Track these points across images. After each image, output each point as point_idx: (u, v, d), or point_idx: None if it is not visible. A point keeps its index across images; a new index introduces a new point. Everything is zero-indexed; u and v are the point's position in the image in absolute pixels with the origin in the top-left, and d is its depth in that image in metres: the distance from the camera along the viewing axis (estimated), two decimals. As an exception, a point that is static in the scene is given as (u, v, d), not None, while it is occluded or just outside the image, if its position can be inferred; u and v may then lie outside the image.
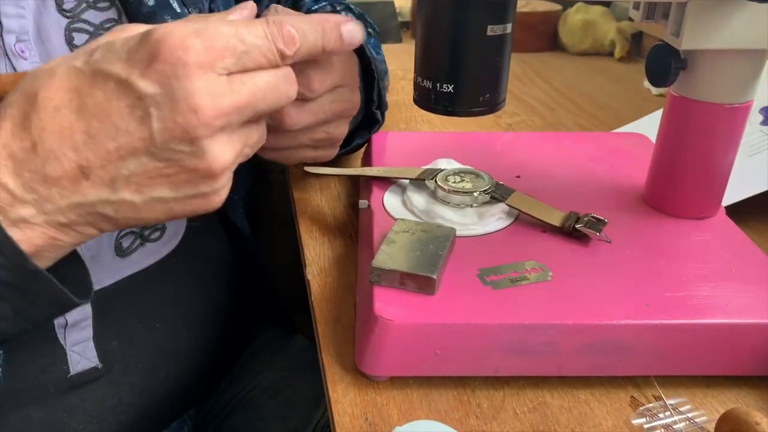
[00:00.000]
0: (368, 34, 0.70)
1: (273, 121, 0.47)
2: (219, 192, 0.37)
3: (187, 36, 0.34)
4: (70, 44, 0.50)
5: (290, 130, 0.48)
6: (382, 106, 0.64)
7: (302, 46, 0.38)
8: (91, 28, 0.51)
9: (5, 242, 0.34)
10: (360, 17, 0.73)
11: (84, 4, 0.51)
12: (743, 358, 0.42)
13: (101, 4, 0.51)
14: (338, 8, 0.73)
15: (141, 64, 0.34)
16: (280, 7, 0.49)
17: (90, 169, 0.34)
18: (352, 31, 0.41)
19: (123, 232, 0.56)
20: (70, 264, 0.39)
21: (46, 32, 0.49)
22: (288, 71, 0.38)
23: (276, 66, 0.37)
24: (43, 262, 0.36)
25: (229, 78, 0.35)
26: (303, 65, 0.45)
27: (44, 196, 0.34)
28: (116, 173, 0.34)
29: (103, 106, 0.34)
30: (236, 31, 0.35)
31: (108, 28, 0.52)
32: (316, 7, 0.74)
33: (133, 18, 0.52)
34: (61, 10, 0.50)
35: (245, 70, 0.36)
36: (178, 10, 0.55)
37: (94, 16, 0.51)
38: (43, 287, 0.36)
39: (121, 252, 0.56)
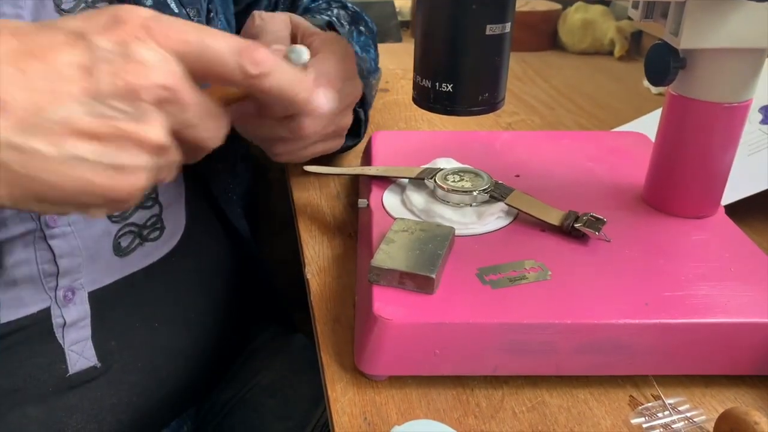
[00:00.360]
0: (359, 32, 0.71)
1: (291, 132, 0.47)
2: (137, 174, 0.34)
3: (156, 14, 0.34)
4: None
5: (307, 138, 0.48)
6: (365, 104, 0.65)
7: (272, 75, 0.37)
8: None
9: None
10: (356, 15, 0.73)
11: (82, 4, 0.50)
12: (742, 358, 0.42)
13: (99, 5, 0.51)
14: (333, 6, 0.73)
15: (99, 26, 0.33)
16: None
17: (7, 104, 0.31)
18: (323, 100, 0.41)
19: (122, 231, 0.56)
20: None
21: None
22: (223, 116, 0.37)
23: (232, 81, 0.36)
24: None
25: (181, 67, 0.35)
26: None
27: None
28: (39, 117, 0.31)
29: (47, 49, 0.32)
30: (198, 29, 0.35)
31: None
32: (313, 5, 0.74)
33: None
34: (59, 10, 0.50)
35: (197, 71, 0.35)
36: (176, 11, 0.55)
37: None
38: None
39: (119, 251, 0.56)
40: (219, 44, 0.35)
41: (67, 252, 0.53)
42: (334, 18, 0.68)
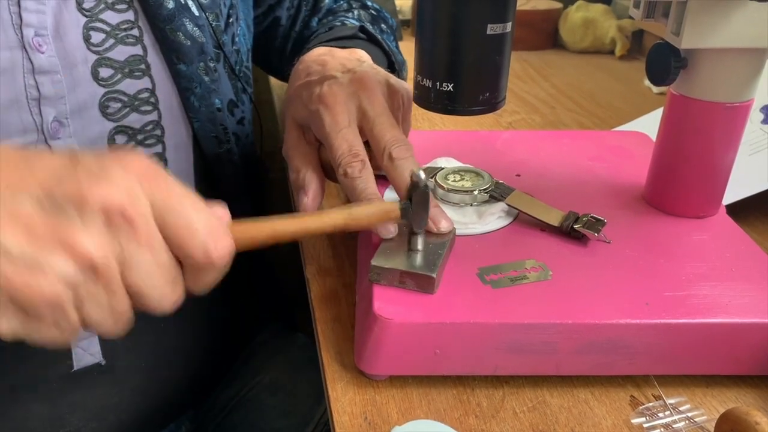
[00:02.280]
0: (381, 30, 0.71)
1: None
2: (51, 279, 0.31)
3: (145, 159, 0.35)
4: (87, 42, 0.50)
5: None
6: None
7: (216, 272, 0.37)
8: (108, 28, 0.52)
9: None
10: (377, 14, 0.74)
11: (103, 5, 0.51)
12: (743, 358, 0.42)
13: (119, 6, 0.52)
14: (354, 6, 0.73)
15: (101, 156, 0.34)
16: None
17: None
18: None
19: None
20: None
21: (64, 29, 0.50)
22: (178, 281, 0.36)
23: (189, 256, 0.35)
24: None
25: (150, 209, 0.34)
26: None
27: None
28: None
29: (42, 159, 0.34)
30: (185, 193, 0.35)
31: (125, 29, 0.52)
32: (335, 5, 0.74)
33: (152, 20, 0.53)
34: (80, 8, 0.50)
35: (162, 226, 0.34)
36: (197, 14, 0.55)
37: (111, 17, 0.52)
38: None
39: None
40: (197, 216, 0.35)
41: None
42: (366, 23, 0.69)
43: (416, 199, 0.42)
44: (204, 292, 0.38)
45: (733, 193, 0.56)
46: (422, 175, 0.41)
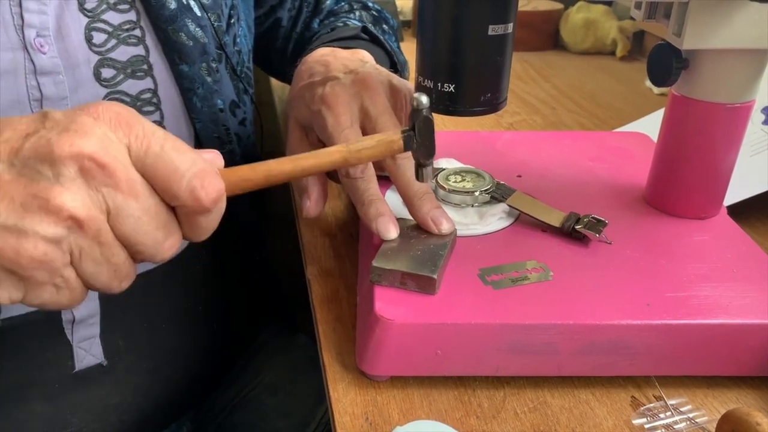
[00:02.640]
0: (383, 31, 0.71)
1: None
2: (38, 241, 0.31)
3: (122, 106, 0.34)
4: (89, 42, 0.50)
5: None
6: None
7: (211, 216, 0.35)
8: (110, 29, 0.52)
9: None
10: (378, 15, 0.74)
11: (105, 5, 0.51)
12: (744, 359, 0.42)
13: (121, 6, 0.52)
14: (355, 7, 0.73)
15: (72, 109, 0.34)
16: None
17: None
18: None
19: None
20: None
21: (66, 29, 0.50)
22: (172, 227, 0.35)
23: (179, 202, 0.34)
24: None
25: (130, 160, 0.33)
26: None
27: None
28: None
29: (12, 122, 0.33)
30: (165, 135, 0.34)
31: (127, 30, 0.52)
32: (336, 7, 0.74)
33: (154, 20, 0.53)
34: (82, 8, 0.50)
35: (146, 173, 0.34)
36: (199, 14, 0.55)
37: (113, 17, 0.52)
38: None
39: None
40: (179, 157, 0.34)
41: None
42: (368, 24, 0.69)
43: (420, 126, 0.39)
44: (203, 238, 0.37)
45: (734, 194, 0.56)
46: (424, 99, 0.39)
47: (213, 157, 0.37)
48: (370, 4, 0.76)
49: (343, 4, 0.75)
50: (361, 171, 0.47)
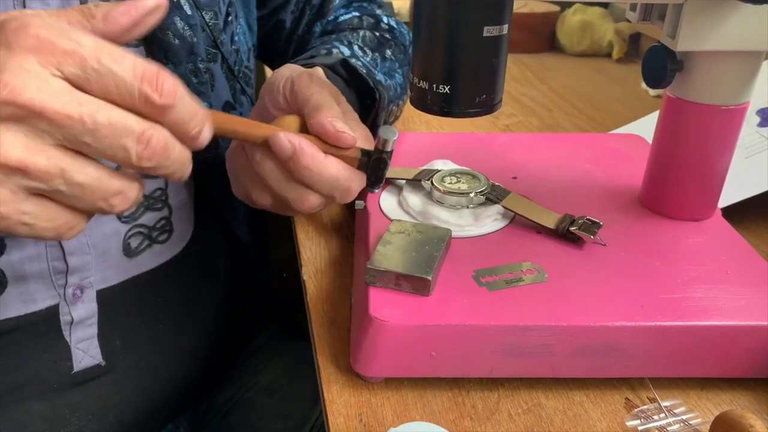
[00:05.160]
0: (383, 58, 0.67)
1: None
2: None
3: (40, 25, 0.31)
4: None
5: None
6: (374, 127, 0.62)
7: (176, 107, 0.33)
8: None
9: None
10: (383, 38, 0.69)
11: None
12: (738, 360, 0.42)
13: None
14: (364, 25, 0.70)
15: None
16: None
17: None
18: (206, 137, 0.36)
19: (131, 232, 0.56)
20: None
21: None
22: (147, 126, 0.33)
23: (136, 110, 0.32)
24: None
25: (62, 83, 0.31)
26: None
27: None
28: None
29: None
30: (97, 46, 0.31)
31: None
32: (347, 16, 0.72)
33: None
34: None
35: (92, 92, 0.32)
36: (189, 12, 0.55)
37: None
38: None
39: (129, 252, 0.56)
40: (118, 65, 0.31)
41: (77, 249, 0.53)
42: (355, 47, 0.64)
43: (373, 161, 0.42)
44: (198, 143, 0.35)
45: (728, 196, 0.56)
46: (391, 139, 0.41)
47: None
48: (384, 20, 0.71)
49: (353, 16, 0.71)
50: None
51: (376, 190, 0.43)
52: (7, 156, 0.30)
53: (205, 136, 0.36)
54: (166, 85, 0.32)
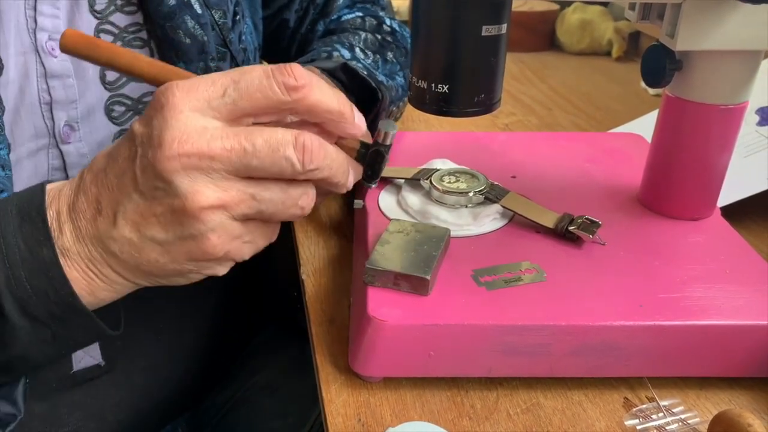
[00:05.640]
0: (385, 61, 0.67)
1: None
2: (208, 235, 0.36)
3: (176, 84, 0.35)
4: None
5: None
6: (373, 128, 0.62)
7: (308, 91, 0.36)
8: (116, 31, 0.52)
9: (60, 281, 0.37)
10: (385, 41, 0.70)
11: (112, 7, 0.51)
12: (737, 360, 0.42)
13: (128, 8, 0.52)
14: (366, 26, 0.70)
15: (145, 113, 0.36)
16: None
17: (101, 204, 0.36)
18: (360, 120, 0.40)
19: None
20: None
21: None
22: (297, 133, 0.36)
23: (281, 109, 0.36)
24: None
25: (221, 125, 0.35)
26: None
27: (76, 226, 0.37)
28: (117, 209, 0.36)
29: (118, 149, 0.37)
30: (227, 73, 0.35)
31: (132, 32, 0.52)
32: (350, 16, 0.72)
33: (153, 17, 0.52)
34: (92, 10, 0.51)
35: (245, 114, 0.35)
36: (199, 11, 0.54)
37: (120, 19, 0.52)
38: (84, 322, 0.39)
39: None
40: (251, 75, 0.35)
41: None
42: (357, 49, 0.65)
43: (371, 150, 0.41)
44: (347, 130, 0.39)
45: (727, 195, 0.56)
46: (391, 132, 0.41)
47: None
48: (387, 23, 0.71)
49: (356, 16, 0.71)
50: None
51: (373, 185, 0.43)
52: (208, 200, 0.35)
53: (357, 129, 0.39)
54: (297, 72, 0.35)
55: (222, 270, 0.39)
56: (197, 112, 0.34)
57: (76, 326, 0.39)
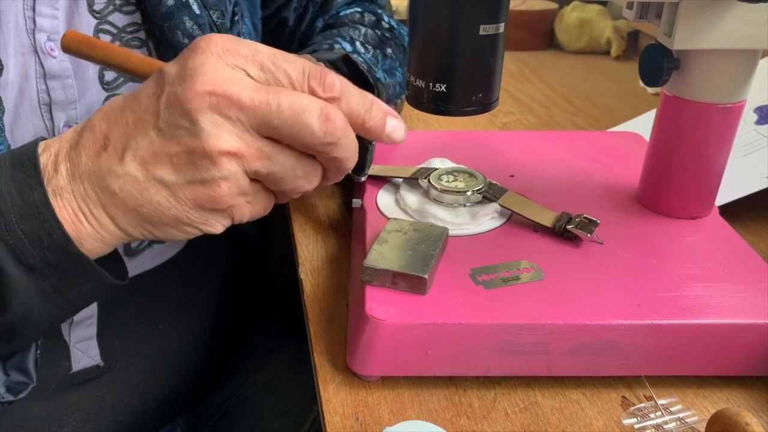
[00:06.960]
0: (384, 56, 0.67)
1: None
2: (219, 182, 0.36)
3: (219, 36, 0.36)
4: None
5: None
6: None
7: (342, 101, 0.37)
8: (114, 30, 0.52)
9: (51, 222, 0.36)
10: (384, 36, 0.70)
11: (111, 7, 0.51)
12: (735, 359, 0.42)
13: (126, 8, 0.52)
14: (365, 21, 0.70)
15: (179, 57, 0.36)
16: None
17: (109, 140, 0.36)
18: (396, 126, 0.41)
19: None
20: (109, 257, 0.41)
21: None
22: (325, 104, 0.36)
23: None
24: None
25: (248, 78, 0.35)
26: None
27: (74, 163, 0.37)
28: (127, 144, 0.36)
29: (141, 89, 0.37)
30: (272, 52, 0.36)
31: (131, 32, 0.52)
32: (349, 11, 0.72)
33: (151, 17, 0.52)
34: (91, 10, 0.51)
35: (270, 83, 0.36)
36: (198, 12, 0.54)
37: (118, 19, 0.52)
38: (82, 269, 0.38)
39: (129, 251, 0.56)
40: (291, 66, 0.36)
41: None
42: (357, 43, 0.65)
43: (360, 144, 0.41)
44: (377, 134, 0.40)
45: (725, 194, 0.56)
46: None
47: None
48: (385, 20, 0.71)
49: (355, 11, 0.71)
50: None
51: (363, 179, 0.43)
52: (228, 146, 0.35)
53: (394, 134, 0.40)
54: (328, 81, 0.37)
55: (219, 227, 0.38)
56: (233, 67, 0.35)
57: (75, 275, 0.38)
